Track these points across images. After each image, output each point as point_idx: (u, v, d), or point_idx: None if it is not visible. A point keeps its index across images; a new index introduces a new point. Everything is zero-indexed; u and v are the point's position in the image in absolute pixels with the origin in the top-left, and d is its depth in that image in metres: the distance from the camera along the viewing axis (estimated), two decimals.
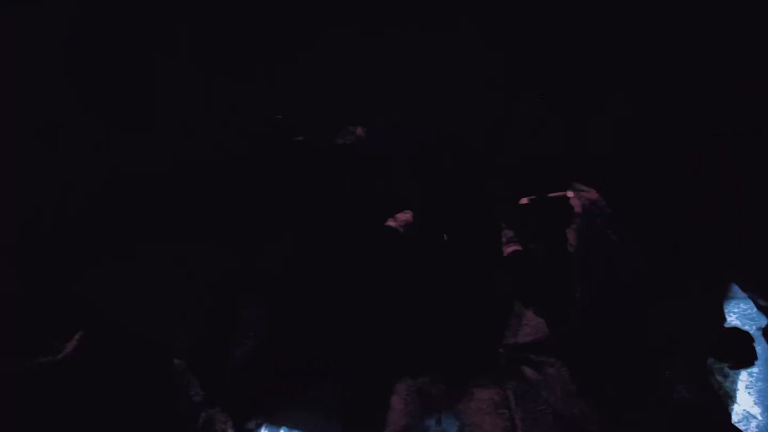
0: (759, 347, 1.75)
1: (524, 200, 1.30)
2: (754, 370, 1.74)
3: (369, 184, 1.51)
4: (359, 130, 1.50)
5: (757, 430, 1.75)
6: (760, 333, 1.73)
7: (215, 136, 2.21)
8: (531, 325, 1.29)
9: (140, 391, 1.14)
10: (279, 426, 1.66)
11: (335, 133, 1.56)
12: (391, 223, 1.45)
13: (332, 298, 1.61)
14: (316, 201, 1.83)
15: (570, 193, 1.21)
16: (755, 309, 1.77)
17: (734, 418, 1.86)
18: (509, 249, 1.33)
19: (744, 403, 1.82)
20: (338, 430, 1.48)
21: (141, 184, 2.01)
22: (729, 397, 1.91)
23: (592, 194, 1.20)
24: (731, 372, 1.86)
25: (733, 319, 1.83)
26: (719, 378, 1.94)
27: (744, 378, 1.80)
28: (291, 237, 1.86)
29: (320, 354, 1.57)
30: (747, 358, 1.69)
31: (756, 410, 1.75)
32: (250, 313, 1.76)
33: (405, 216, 1.42)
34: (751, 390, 1.78)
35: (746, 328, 1.80)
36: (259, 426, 1.46)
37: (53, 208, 1.75)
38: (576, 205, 1.15)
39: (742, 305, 1.84)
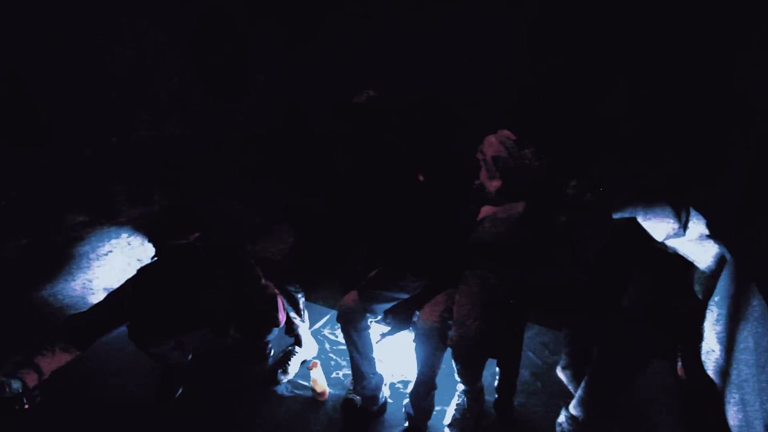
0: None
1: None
2: (716, 300, 1.88)
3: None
4: (371, 92, 1.97)
5: (715, 364, 1.92)
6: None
7: (287, 104, 2.92)
8: None
9: (226, 269, 1.80)
10: (311, 301, 2.28)
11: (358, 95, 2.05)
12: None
13: (350, 223, 2.16)
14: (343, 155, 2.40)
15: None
16: None
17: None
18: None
19: (708, 339, 1.98)
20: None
21: (236, 141, 2.83)
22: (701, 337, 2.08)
23: (504, 131, 1.56)
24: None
25: None
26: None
27: (709, 315, 1.95)
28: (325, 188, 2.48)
29: (342, 255, 2.13)
30: None
31: (716, 346, 1.91)
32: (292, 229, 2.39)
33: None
34: (713, 326, 1.93)
35: None
36: (298, 292, 2.06)
37: (184, 154, 2.65)
38: (491, 138, 1.54)
39: None
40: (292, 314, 2.14)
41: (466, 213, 1.72)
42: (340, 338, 2.55)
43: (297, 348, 2.28)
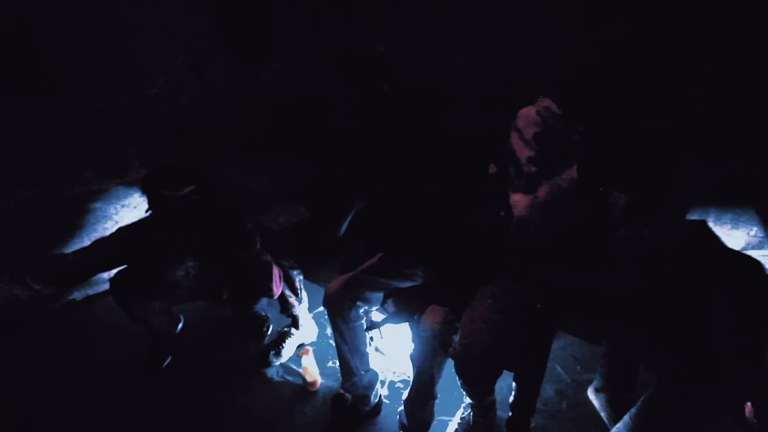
0: None
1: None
2: None
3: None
4: (381, 48, 1.70)
5: None
6: None
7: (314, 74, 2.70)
8: None
9: (222, 232, 1.63)
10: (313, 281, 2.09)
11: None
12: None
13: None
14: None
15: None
16: None
17: None
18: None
19: None
20: None
21: (257, 109, 2.66)
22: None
23: (546, 102, 1.21)
24: None
25: None
26: None
27: None
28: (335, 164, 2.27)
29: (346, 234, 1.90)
30: None
31: None
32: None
33: None
34: None
35: None
36: (294, 269, 1.87)
37: (202, 117, 2.51)
38: (530, 110, 1.19)
39: None
40: (288, 292, 1.95)
41: (483, 212, 1.42)
42: None
43: (293, 330, 2.08)
